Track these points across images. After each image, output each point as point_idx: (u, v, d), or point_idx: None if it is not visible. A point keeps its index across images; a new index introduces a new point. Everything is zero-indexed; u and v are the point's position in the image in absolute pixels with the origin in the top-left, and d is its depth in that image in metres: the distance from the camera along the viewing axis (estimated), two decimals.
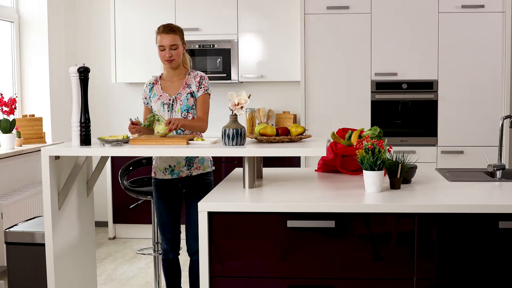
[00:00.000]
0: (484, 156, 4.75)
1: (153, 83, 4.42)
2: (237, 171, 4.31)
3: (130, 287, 5.53)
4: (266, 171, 4.28)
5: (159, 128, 3.94)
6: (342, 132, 4.14)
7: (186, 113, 4.29)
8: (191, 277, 4.45)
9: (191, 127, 4.22)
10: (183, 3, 7.01)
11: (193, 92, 4.32)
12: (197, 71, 4.42)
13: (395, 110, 6.57)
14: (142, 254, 5.96)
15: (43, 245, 3.88)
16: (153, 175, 4.40)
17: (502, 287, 3.16)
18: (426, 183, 3.73)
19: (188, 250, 4.41)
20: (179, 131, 4.24)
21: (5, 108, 5.78)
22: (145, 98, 4.42)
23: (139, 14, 7.09)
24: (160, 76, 4.44)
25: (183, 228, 4.52)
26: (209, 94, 4.37)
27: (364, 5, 6.53)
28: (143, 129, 4.19)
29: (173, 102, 4.30)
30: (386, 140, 3.51)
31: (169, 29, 4.26)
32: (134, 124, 4.11)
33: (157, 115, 4.03)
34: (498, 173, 3.96)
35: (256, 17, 6.94)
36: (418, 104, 6.55)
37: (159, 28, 4.30)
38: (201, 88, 4.33)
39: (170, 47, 4.24)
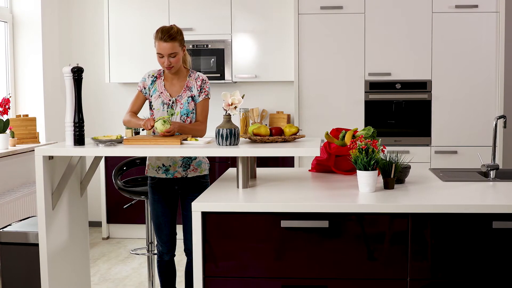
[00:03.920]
0: (478, 156, 4.76)
1: (156, 77, 4.32)
2: (231, 171, 4.31)
3: (124, 287, 5.52)
4: (259, 171, 4.28)
5: (159, 126, 3.91)
6: (336, 132, 4.15)
7: (185, 117, 4.25)
8: (187, 277, 4.44)
9: (191, 130, 4.18)
10: (177, 3, 7.00)
11: (194, 96, 4.28)
12: (198, 73, 4.34)
13: (388, 110, 6.58)
14: (136, 254, 5.96)
15: (37, 245, 3.87)
16: (145, 172, 4.38)
17: (496, 287, 3.17)
18: (420, 183, 3.74)
19: (185, 250, 4.40)
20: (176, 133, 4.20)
21: None
22: (144, 88, 4.31)
23: (133, 14, 7.08)
24: (163, 71, 4.33)
25: (179, 229, 4.52)
26: (209, 98, 4.35)
27: (358, 5, 6.53)
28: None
29: (172, 103, 4.27)
30: (379, 140, 3.52)
31: (167, 36, 4.09)
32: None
33: (167, 118, 3.94)
34: (492, 173, 3.96)
35: (250, 17, 6.94)
36: (411, 104, 6.56)
37: (157, 32, 4.14)
38: (202, 92, 4.29)
39: (169, 55, 4.12)
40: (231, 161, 6.71)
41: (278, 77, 7.02)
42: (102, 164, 6.97)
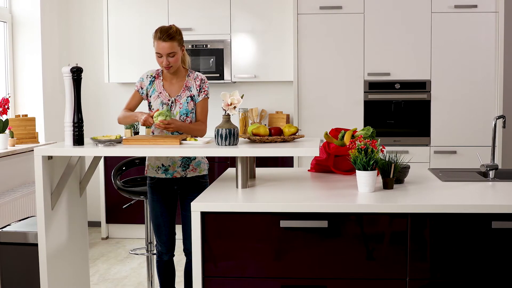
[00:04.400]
0: (477, 156, 4.76)
1: (154, 77, 4.31)
2: (230, 171, 4.31)
3: (123, 287, 5.52)
4: (259, 171, 4.28)
5: (156, 118, 3.91)
6: (335, 132, 4.15)
7: (185, 117, 4.24)
8: (186, 277, 4.44)
9: (191, 130, 4.18)
10: (176, 3, 7.00)
11: (194, 95, 4.28)
12: (197, 73, 4.34)
13: (388, 110, 6.58)
14: (135, 254, 5.96)
15: (36, 245, 3.87)
16: (145, 172, 4.38)
17: (495, 287, 3.17)
18: (419, 183, 3.73)
19: (184, 250, 4.39)
20: (175, 133, 4.19)
21: None
22: (141, 88, 4.30)
23: (132, 14, 7.08)
24: (162, 71, 4.32)
25: (178, 229, 4.51)
26: (208, 98, 4.35)
27: (357, 5, 6.53)
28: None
29: (172, 103, 4.26)
30: (379, 140, 3.52)
31: (166, 36, 4.08)
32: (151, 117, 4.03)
33: (167, 112, 3.94)
34: (491, 173, 3.96)
35: (249, 17, 6.94)
36: (411, 104, 6.56)
37: (156, 32, 4.13)
38: (201, 92, 4.28)
39: (168, 55, 4.11)
40: (231, 161, 6.71)
41: (277, 77, 7.02)
42: (101, 164, 6.97)
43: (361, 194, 3.39)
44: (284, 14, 6.91)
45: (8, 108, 5.83)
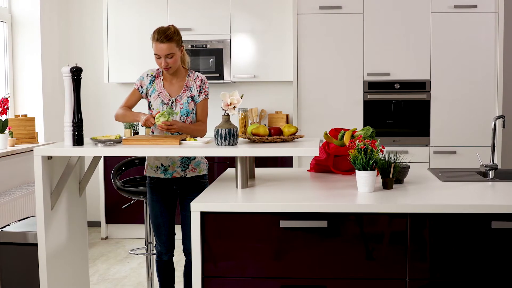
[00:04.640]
0: (477, 156, 4.76)
1: (154, 76, 4.30)
2: (230, 171, 4.31)
3: (123, 287, 5.52)
4: (258, 171, 4.28)
5: (158, 119, 3.91)
6: (335, 132, 4.15)
7: (185, 117, 4.24)
8: (186, 277, 4.43)
9: (192, 130, 4.17)
10: (176, 3, 7.00)
11: (194, 96, 4.28)
12: (197, 73, 4.34)
13: (387, 110, 6.58)
14: (134, 254, 5.95)
15: (36, 245, 3.86)
16: (144, 172, 4.37)
17: (494, 287, 3.17)
18: (419, 183, 3.73)
19: (184, 250, 4.39)
20: (176, 133, 4.19)
21: None
22: (141, 86, 4.29)
23: (132, 14, 7.08)
24: (162, 71, 4.31)
25: (177, 229, 4.51)
26: (208, 98, 4.34)
27: (357, 5, 6.53)
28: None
29: (172, 103, 4.25)
30: (378, 140, 3.52)
31: (164, 37, 4.07)
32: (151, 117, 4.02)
33: (169, 112, 3.95)
34: (491, 173, 3.96)
35: (248, 17, 6.94)
36: (410, 104, 6.56)
37: (154, 34, 4.12)
38: (202, 92, 4.28)
39: (166, 56, 4.10)
40: (230, 161, 6.70)
41: (277, 77, 7.02)
42: (101, 164, 6.97)
43: (361, 194, 3.39)
44: (284, 14, 6.91)
45: (7, 108, 5.83)
